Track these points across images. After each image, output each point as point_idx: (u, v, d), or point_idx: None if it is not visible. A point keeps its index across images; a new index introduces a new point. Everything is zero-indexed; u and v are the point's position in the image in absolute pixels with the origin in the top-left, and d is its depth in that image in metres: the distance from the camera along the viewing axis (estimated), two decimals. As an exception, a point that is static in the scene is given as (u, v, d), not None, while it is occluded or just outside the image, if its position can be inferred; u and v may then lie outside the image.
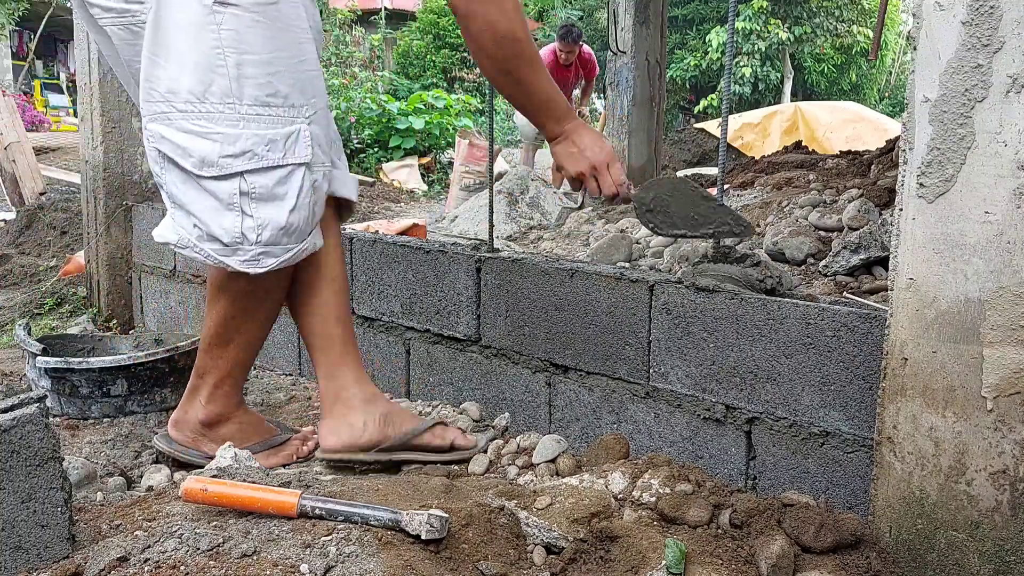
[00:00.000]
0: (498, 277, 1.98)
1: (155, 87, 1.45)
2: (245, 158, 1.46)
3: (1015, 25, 1.11)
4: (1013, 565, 1.19)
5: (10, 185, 5.05)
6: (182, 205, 1.49)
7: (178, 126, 1.44)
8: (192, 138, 1.44)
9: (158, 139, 1.46)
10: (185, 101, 1.44)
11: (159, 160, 1.48)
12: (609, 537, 1.33)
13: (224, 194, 1.47)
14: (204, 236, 1.49)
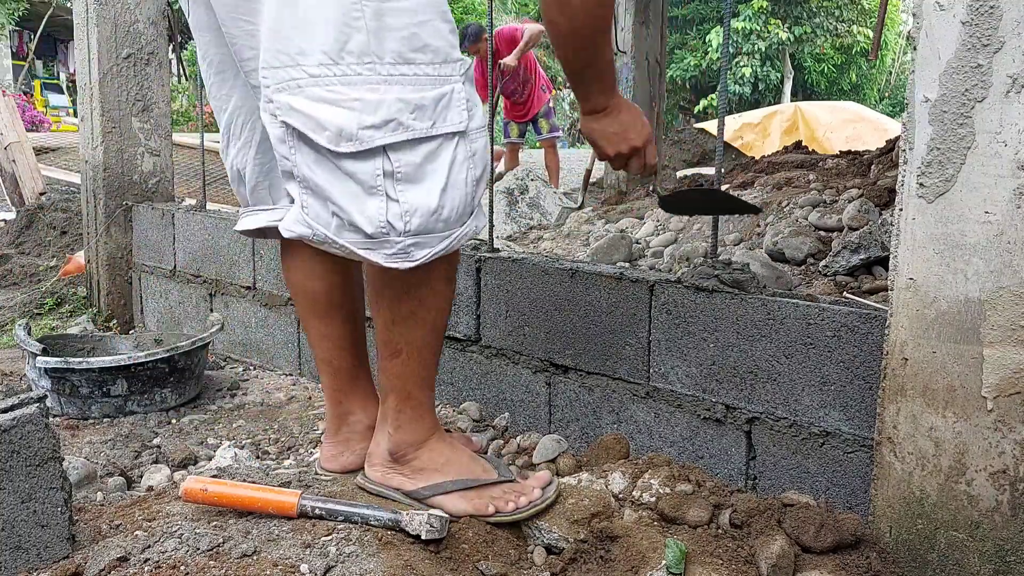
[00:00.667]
0: (498, 277, 1.98)
1: (284, 49, 1.20)
2: (388, 128, 1.21)
3: (1015, 25, 1.11)
4: (1013, 565, 1.19)
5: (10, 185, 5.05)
6: (317, 190, 1.23)
7: (309, 94, 1.20)
8: (326, 107, 1.19)
9: (286, 111, 1.20)
10: (318, 64, 1.19)
11: (287, 138, 1.22)
12: (609, 537, 1.33)
13: (366, 175, 1.22)
14: (344, 226, 1.24)
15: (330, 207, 1.23)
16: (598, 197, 5.85)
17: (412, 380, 1.41)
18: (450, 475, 1.43)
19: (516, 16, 19.47)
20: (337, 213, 1.23)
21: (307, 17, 1.19)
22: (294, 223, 1.27)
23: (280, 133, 1.23)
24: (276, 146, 1.24)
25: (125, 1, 3.03)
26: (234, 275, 2.70)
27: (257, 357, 2.69)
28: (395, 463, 1.44)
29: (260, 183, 1.51)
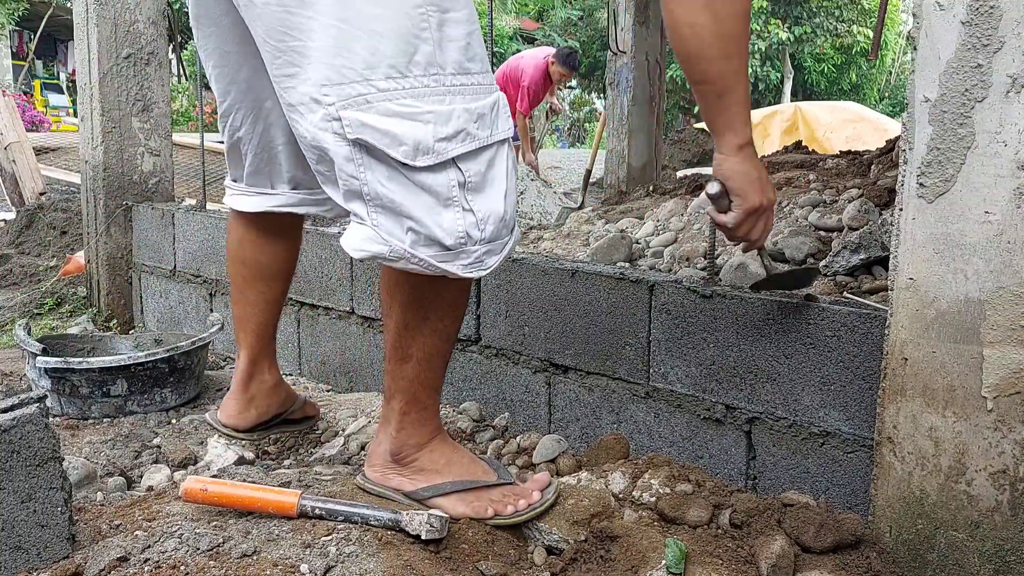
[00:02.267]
0: (498, 277, 1.98)
1: (348, 64, 1.16)
2: (459, 140, 1.20)
3: (1015, 25, 1.11)
4: (1013, 565, 1.19)
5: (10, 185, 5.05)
6: (392, 207, 1.20)
7: (380, 109, 1.17)
8: (400, 121, 1.17)
9: (357, 128, 1.17)
10: (387, 77, 1.17)
11: (355, 156, 1.19)
12: (609, 537, 1.33)
13: (441, 187, 1.20)
14: (421, 240, 1.21)
15: (405, 223, 1.21)
16: (598, 197, 5.84)
17: (420, 385, 1.41)
18: (449, 476, 1.42)
19: (516, 16, 19.47)
20: (413, 228, 1.21)
21: (373, 30, 1.16)
22: (366, 242, 1.23)
23: (347, 152, 1.19)
24: (341, 165, 1.20)
25: (125, 1, 3.03)
26: (234, 275, 2.70)
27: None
28: (396, 464, 1.44)
29: (260, 169, 1.61)
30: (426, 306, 1.34)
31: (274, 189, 1.66)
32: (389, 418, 1.44)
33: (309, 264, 2.45)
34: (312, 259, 2.44)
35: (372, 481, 1.46)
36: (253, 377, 1.82)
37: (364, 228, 1.23)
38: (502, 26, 17.38)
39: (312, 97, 1.19)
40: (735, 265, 2.56)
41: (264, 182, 1.65)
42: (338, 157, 1.20)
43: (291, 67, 1.21)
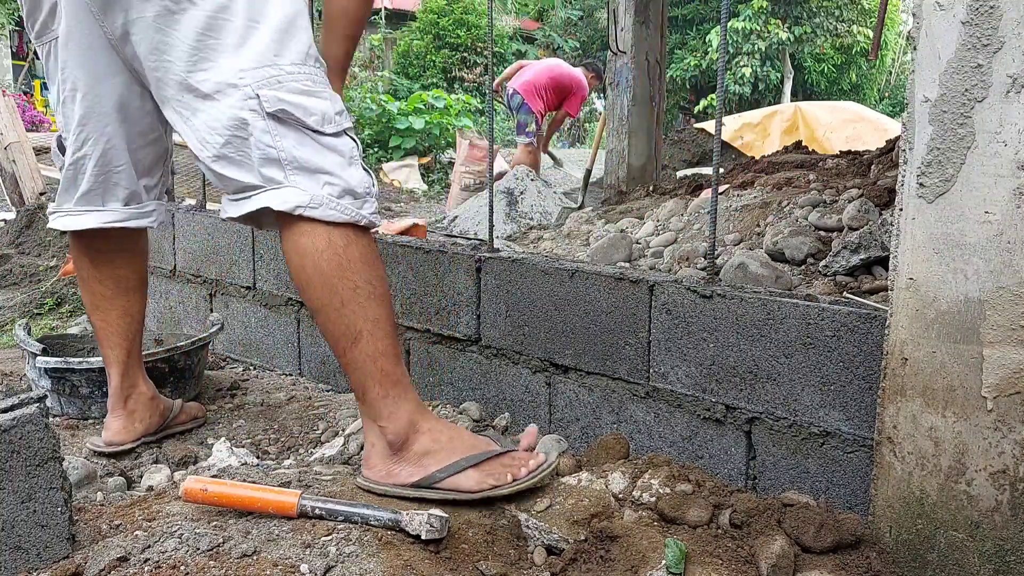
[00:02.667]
0: (498, 277, 1.98)
1: (260, 51, 1.41)
2: (345, 116, 1.49)
3: (1015, 25, 1.11)
4: (1013, 565, 1.19)
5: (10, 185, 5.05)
6: (308, 165, 1.42)
7: (290, 87, 1.41)
8: (307, 97, 1.42)
9: (275, 103, 1.39)
10: (291, 63, 1.43)
11: (271, 128, 1.40)
12: (609, 537, 1.33)
13: (345, 149, 1.46)
14: (336, 192, 1.42)
15: (321, 178, 1.42)
16: (598, 197, 5.85)
17: (384, 358, 1.45)
18: (460, 452, 1.45)
19: (516, 16, 19.46)
20: (329, 181, 1.43)
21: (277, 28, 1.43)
22: (290, 197, 1.41)
23: (264, 125, 1.41)
24: (259, 137, 1.40)
25: (125, 1, 3.02)
26: (234, 275, 2.70)
27: (257, 357, 2.69)
28: (397, 454, 1.45)
29: (95, 189, 1.71)
30: (349, 274, 1.43)
31: (105, 207, 1.73)
32: (371, 414, 1.47)
33: (309, 264, 2.44)
34: (312, 259, 2.43)
35: (377, 482, 1.45)
36: (130, 392, 1.87)
37: (280, 190, 1.42)
38: (502, 26, 17.38)
39: (228, 83, 1.40)
40: (735, 265, 2.56)
41: (96, 201, 1.72)
42: (256, 130, 1.40)
43: (206, 62, 1.42)
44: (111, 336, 1.83)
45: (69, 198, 1.73)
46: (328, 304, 1.42)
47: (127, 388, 1.86)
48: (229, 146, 1.42)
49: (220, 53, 1.41)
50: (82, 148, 1.66)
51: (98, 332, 1.84)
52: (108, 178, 1.71)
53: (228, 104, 1.40)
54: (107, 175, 1.70)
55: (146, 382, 1.92)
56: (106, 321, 1.82)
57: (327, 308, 1.43)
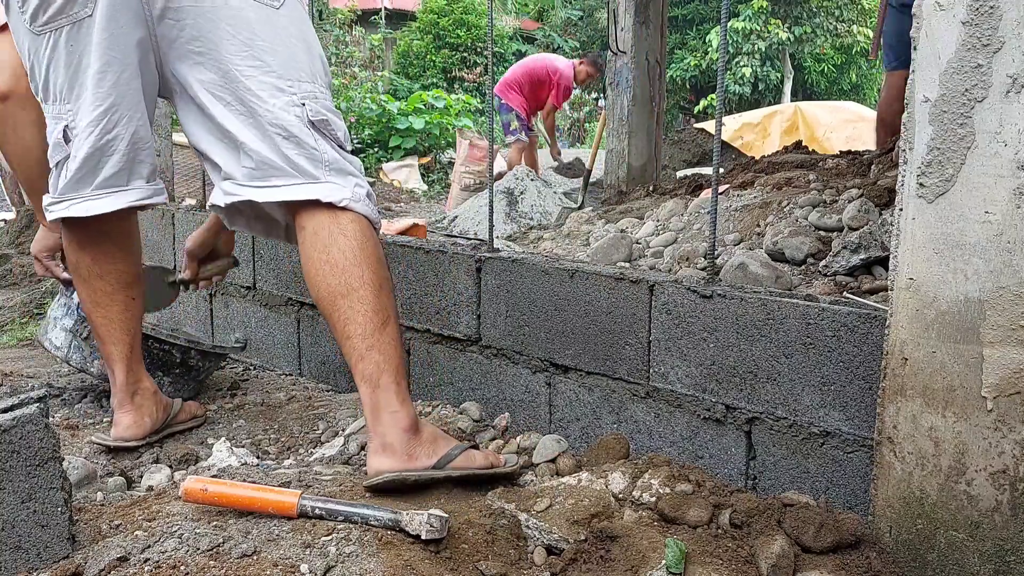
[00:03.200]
0: (498, 277, 1.98)
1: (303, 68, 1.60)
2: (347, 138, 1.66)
3: (1015, 25, 1.11)
4: (1013, 565, 1.19)
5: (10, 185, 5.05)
6: (342, 169, 1.59)
7: (322, 104, 1.61)
8: (332, 115, 1.62)
9: (317, 113, 1.58)
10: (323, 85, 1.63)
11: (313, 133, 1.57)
12: (609, 537, 1.33)
13: (358, 164, 1.65)
14: (364, 193, 1.60)
15: (351, 180, 1.59)
16: (598, 197, 5.85)
17: (399, 347, 1.56)
18: (451, 441, 1.58)
19: (516, 16, 19.46)
20: (359, 184, 1.60)
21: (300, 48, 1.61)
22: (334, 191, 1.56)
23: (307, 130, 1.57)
24: (304, 138, 1.56)
25: (125, 1, 3.02)
26: (234, 275, 2.70)
27: (257, 357, 2.69)
28: (414, 437, 1.51)
29: (122, 169, 1.71)
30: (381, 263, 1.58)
31: (129, 186, 1.74)
32: (384, 403, 1.50)
33: (309, 264, 2.44)
34: (312, 259, 2.43)
35: (395, 469, 1.47)
36: (135, 388, 1.88)
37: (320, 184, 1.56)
38: (502, 26, 17.38)
39: (276, 86, 1.56)
40: (735, 265, 2.56)
41: (121, 181, 1.72)
42: (300, 132, 1.56)
43: (255, 60, 1.56)
44: (114, 332, 1.83)
45: (86, 184, 1.70)
46: (371, 284, 1.53)
47: (132, 384, 1.87)
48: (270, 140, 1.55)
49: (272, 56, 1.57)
50: (113, 130, 1.66)
51: (99, 329, 1.84)
52: (136, 156, 1.72)
53: (275, 104, 1.55)
54: (135, 153, 1.71)
55: (148, 378, 1.92)
56: (108, 317, 1.82)
57: (368, 287, 1.52)
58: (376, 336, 1.51)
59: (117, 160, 1.69)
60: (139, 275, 1.89)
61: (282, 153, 1.55)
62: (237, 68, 1.56)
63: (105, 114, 1.63)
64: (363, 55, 13.36)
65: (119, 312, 1.83)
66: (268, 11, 1.58)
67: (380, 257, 1.58)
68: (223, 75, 1.56)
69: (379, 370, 1.50)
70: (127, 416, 1.86)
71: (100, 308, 1.82)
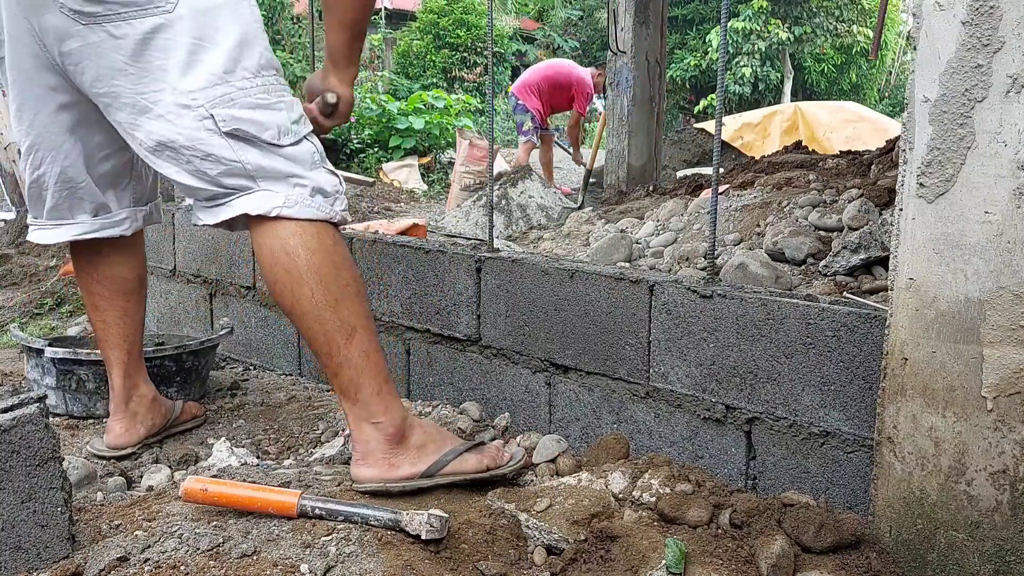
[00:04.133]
0: (498, 277, 1.98)
1: (210, 71, 1.41)
2: (303, 122, 1.51)
3: (1015, 25, 1.11)
4: (1013, 565, 1.19)
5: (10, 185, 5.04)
6: (276, 174, 1.45)
7: (243, 103, 1.43)
8: (261, 111, 1.44)
9: (231, 121, 1.41)
10: (242, 79, 1.43)
11: (230, 145, 1.42)
12: (609, 537, 1.33)
13: (306, 156, 1.48)
14: (308, 191, 1.47)
15: (292, 180, 1.46)
16: (598, 197, 5.85)
17: (375, 354, 1.50)
18: (448, 442, 1.54)
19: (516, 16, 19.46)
20: (300, 183, 1.46)
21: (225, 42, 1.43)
22: (264, 200, 1.44)
23: (222, 142, 1.43)
24: (221, 153, 1.43)
25: (125, 1, 3.02)
26: (234, 275, 2.70)
27: (257, 357, 2.69)
28: (399, 446, 1.48)
29: (60, 204, 1.70)
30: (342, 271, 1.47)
31: (74, 219, 1.72)
32: (365, 414, 1.48)
33: (309, 264, 2.44)
34: (312, 259, 2.43)
35: (387, 479, 1.46)
36: (131, 394, 1.87)
37: (252, 194, 1.45)
38: (502, 26, 17.38)
39: (179, 103, 1.41)
40: (735, 265, 2.56)
41: (64, 214, 1.71)
42: (215, 148, 1.42)
43: (156, 83, 1.42)
44: (111, 337, 1.82)
45: (39, 212, 1.73)
46: (322, 302, 1.44)
47: (128, 389, 1.86)
48: (190, 164, 1.44)
49: (168, 73, 1.41)
50: (40, 168, 1.64)
51: (98, 333, 1.84)
52: (72, 194, 1.69)
53: (184, 125, 1.42)
54: (70, 191, 1.68)
55: (147, 383, 1.91)
56: (105, 322, 1.82)
57: (320, 306, 1.44)
58: (343, 351, 1.45)
59: (52, 195, 1.68)
60: (140, 282, 1.87)
61: (204, 175, 1.45)
62: (142, 96, 1.43)
63: (29, 151, 1.63)
64: (363, 55, 13.36)
65: (116, 318, 1.82)
66: (156, 20, 1.40)
67: (336, 263, 1.46)
68: (132, 109, 1.45)
69: (354, 384, 1.47)
70: (119, 423, 1.86)
71: (98, 312, 1.83)
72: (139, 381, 1.89)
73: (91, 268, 1.81)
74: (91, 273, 1.81)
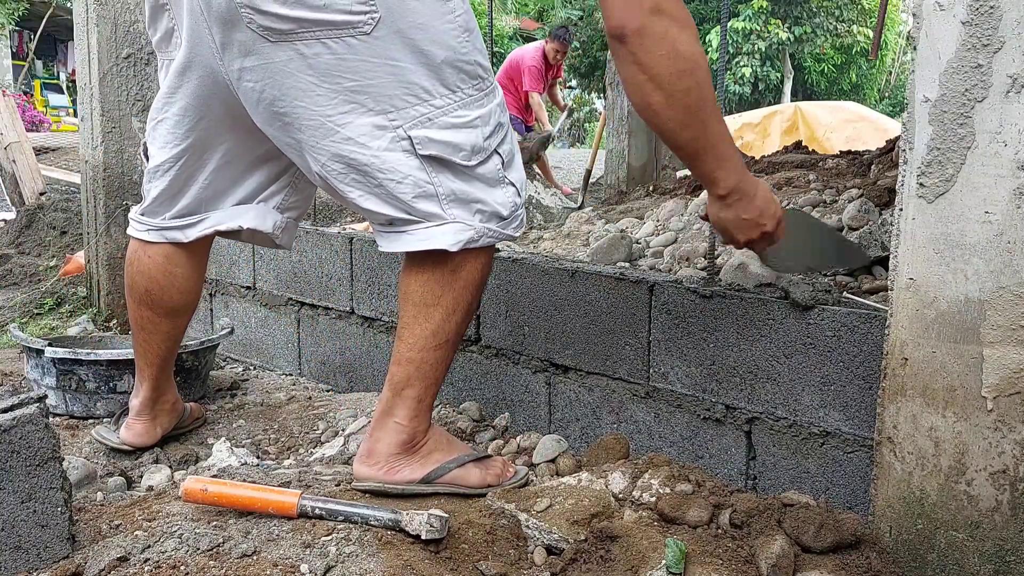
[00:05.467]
0: (498, 277, 1.98)
1: (410, 91, 1.34)
2: (498, 133, 1.44)
3: (1015, 25, 1.11)
4: (1013, 565, 1.19)
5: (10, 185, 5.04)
6: (463, 197, 1.40)
7: (441, 124, 1.36)
8: (457, 132, 1.37)
9: (426, 144, 1.36)
10: (441, 96, 1.36)
11: (425, 166, 1.37)
12: (609, 537, 1.33)
13: (491, 173, 1.43)
14: (486, 217, 1.42)
15: (473, 207, 1.41)
16: (598, 197, 5.84)
17: (442, 369, 1.50)
18: (455, 453, 1.53)
19: (516, 16, 19.47)
20: (480, 209, 1.42)
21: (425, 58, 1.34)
22: (457, 233, 1.40)
23: (418, 163, 1.37)
24: (415, 176, 1.37)
25: (125, 1, 3.03)
26: (234, 275, 2.70)
27: (257, 357, 2.69)
28: (405, 452, 1.48)
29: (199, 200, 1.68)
30: (474, 289, 1.46)
31: (207, 213, 1.70)
32: (395, 410, 1.48)
33: (309, 264, 2.45)
34: (312, 259, 2.44)
35: (375, 480, 1.47)
36: (156, 401, 1.88)
37: (444, 225, 1.40)
38: (502, 26, 17.37)
39: (376, 125, 1.35)
40: (735, 265, 2.56)
41: (198, 208, 1.70)
42: (411, 169, 1.37)
43: (347, 104, 1.34)
44: (149, 355, 1.83)
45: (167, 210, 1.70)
46: (444, 306, 1.45)
47: (155, 398, 1.88)
48: (380, 187, 1.38)
49: (363, 95, 1.34)
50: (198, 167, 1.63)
51: (137, 347, 1.84)
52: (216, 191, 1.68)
53: (378, 147, 1.36)
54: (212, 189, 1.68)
55: (172, 390, 1.94)
56: (149, 343, 1.82)
57: (439, 308, 1.45)
58: (424, 353, 1.45)
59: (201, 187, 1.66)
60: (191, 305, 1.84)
61: (397, 200, 1.39)
62: (330, 120, 1.35)
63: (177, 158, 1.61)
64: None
65: (160, 341, 1.82)
66: (352, 42, 1.31)
67: (473, 283, 1.46)
68: (315, 132, 1.37)
69: (407, 382, 1.46)
70: (141, 424, 1.87)
71: (143, 332, 1.81)
72: (167, 389, 1.91)
73: (151, 284, 1.76)
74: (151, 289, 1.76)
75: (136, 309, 1.80)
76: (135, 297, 1.79)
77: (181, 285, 1.77)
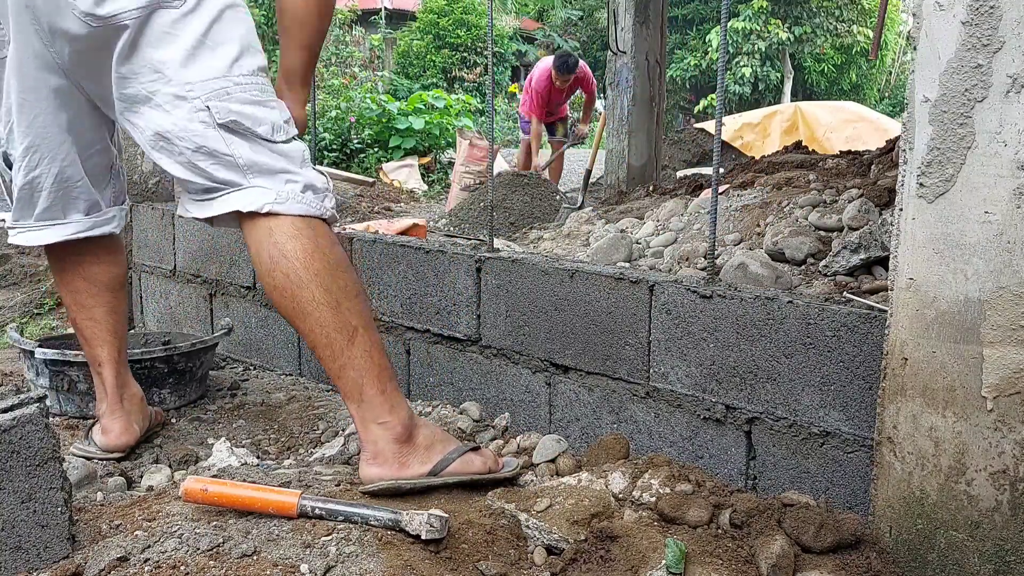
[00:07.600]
0: (498, 277, 1.98)
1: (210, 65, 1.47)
2: (291, 123, 1.56)
3: (1015, 25, 1.11)
4: (1013, 565, 1.19)
5: (10, 185, 5.05)
6: (264, 170, 1.49)
7: (239, 98, 1.48)
8: (257, 107, 1.49)
9: (225, 113, 1.46)
10: (240, 75, 1.49)
11: (223, 138, 1.47)
12: (609, 537, 1.33)
13: (296, 153, 1.53)
14: (299, 187, 1.50)
15: (282, 176, 1.49)
16: (598, 197, 5.84)
17: (378, 353, 1.50)
18: (451, 444, 1.55)
19: (516, 16, 19.46)
20: (291, 179, 1.50)
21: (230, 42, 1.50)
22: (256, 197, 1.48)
23: (216, 134, 1.47)
24: (214, 146, 1.47)
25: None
26: (234, 275, 2.70)
27: (257, 357, 2.69)
28: (407, 444, 1.49)
29: (54, 204, 1.70)
30: (340, 272, 1.49)
31: (67, 219, 1.73)
32: (371, 415, 1.48)
33: (309, 264, 2.44)
34: (312, 259, 2.43)
35: (387, 477, 1.47)
36: (123, 392, 1.86)
37: (243, 191, 1.48)
38: (502, 26, 17.38)
39: (177, 95, 1.46)
40: (735, 265, 2.56)
41: (58, 215, 1.72)
42: (208, 140, 1.47)
43: (155, 73, 1.47)
44: (99, 334, 1.82)
45: (27, 215, 1.71)
46: (324, 303, 1.45)
47: (120, 388, 1.85)
48: (183, 155, 1.48)
49: (167, 65, 1.46)
50: (36, 169, 1.64)
51: (84, 332, 1.83)
52: (67, 193, 1.70)
53: (179, 115, 1.46)
54: (66, 190, 1.70)
55: (135, 383, 1.92)
56: (93, 319, 1.82)
57: (322, 308, 1.46)
58: (345, 353, 1.46)
59: (47, 196, 1.68)
60: (124, 279, 1.88)
61: (196, 167, 1.49)
62: (143, 87, 1.48)
63: (27, 152, 1.63)
64: (363, 55, 13.35)
65: (104, 314, 1.82)
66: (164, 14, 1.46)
67: (334, 263, 1.48)
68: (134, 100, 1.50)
69: (357, 386, 1.48)
70: (117, 422, 1.84)
71: (84, 310, 1.82)
72: (128, 380, 1.89)
73: (77, 267, 1.80)
74: (78, 272, 1.81)
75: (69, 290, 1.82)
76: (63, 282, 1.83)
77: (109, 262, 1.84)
